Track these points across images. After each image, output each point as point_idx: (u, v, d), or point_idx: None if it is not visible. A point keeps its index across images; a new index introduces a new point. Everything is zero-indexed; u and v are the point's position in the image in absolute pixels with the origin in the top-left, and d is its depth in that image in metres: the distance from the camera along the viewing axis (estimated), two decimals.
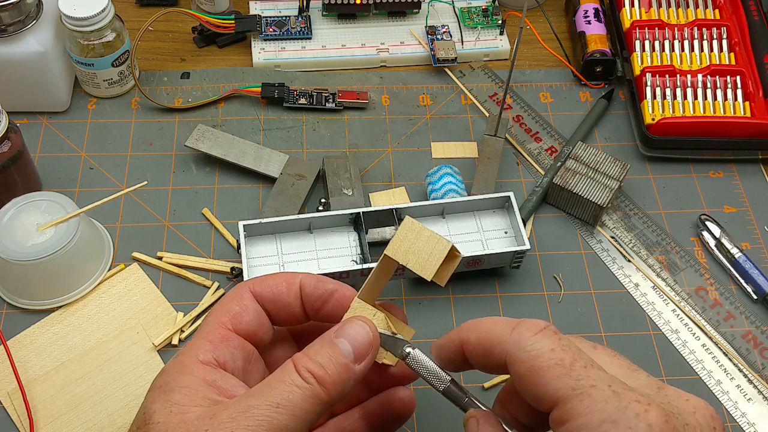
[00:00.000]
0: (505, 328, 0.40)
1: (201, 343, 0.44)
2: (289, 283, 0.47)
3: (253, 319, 0.46)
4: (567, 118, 0.77)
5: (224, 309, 0.46)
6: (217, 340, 0.44)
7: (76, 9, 0.69)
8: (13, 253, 0.59)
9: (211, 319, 0.45)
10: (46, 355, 0.61)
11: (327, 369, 0.42)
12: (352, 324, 0.44)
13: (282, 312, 0.47)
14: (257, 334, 0.46)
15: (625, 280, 0.67)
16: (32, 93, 0.73)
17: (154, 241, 0.67)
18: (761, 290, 0.66)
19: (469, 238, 0.66)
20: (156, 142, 0.74)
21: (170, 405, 0.41)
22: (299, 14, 0.82)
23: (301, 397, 0.40)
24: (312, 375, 0.41)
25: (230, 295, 0.47)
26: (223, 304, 0.46)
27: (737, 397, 0.61)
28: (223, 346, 0.44)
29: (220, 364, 0.43)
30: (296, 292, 0.47)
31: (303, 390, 0.41)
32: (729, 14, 0.80)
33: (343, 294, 0.47)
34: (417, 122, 0.77)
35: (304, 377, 0.41)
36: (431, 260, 0.44)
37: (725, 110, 0.74)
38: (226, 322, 0.45)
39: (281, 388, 0.40)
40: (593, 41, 0.79)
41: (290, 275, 0.47)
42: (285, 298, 0.47)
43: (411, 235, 0.44)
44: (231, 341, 0.45)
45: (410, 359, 0.44)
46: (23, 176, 0.66)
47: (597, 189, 0.68)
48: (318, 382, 0.41)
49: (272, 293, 0.47)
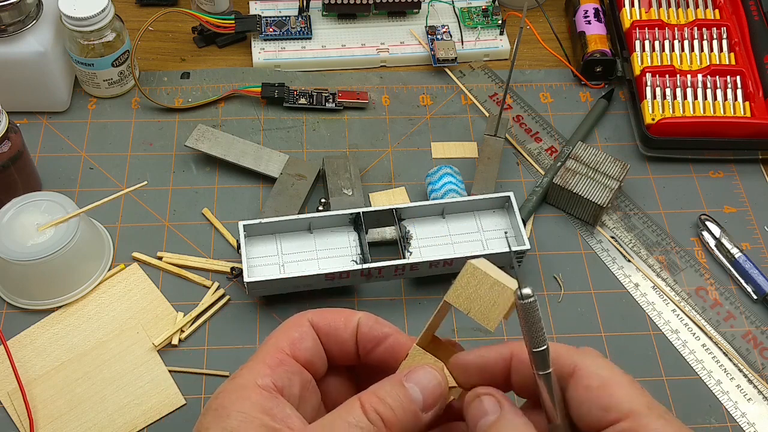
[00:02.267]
0: (566, 347, 0.41)
1: (259, 366, 0.43)
2: (347, 320, 0.46)
3: (311, 347, 0.45)
4: (567, 118, 0.77)
5: (283, 335, 0.45)
6: (275, 364, 0.43)
7: (76, 9, 0.69)
8: (13, 253, 0.59)
9: (270, 343, 0.45)
10: (46, 355, 0.61)
11: (396, 412, 0.40)
12: (423, 370, 0.42)
13: (336, 347, 0.46)
14: (314, 363, 0.45)
15: (625, 280, 0.67)
16: (32, 93, 0.73)
17: (154, 241, 0.67)
18: (761, 290, 0.66)
19: (469, 238, 0.66)
20: (156, 142, 0.74)
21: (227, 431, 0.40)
22: (299, 14, 0.82)
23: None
24: (379, 416, 0.40)
25: (289, 322, 0.46)
26: (282, 330, 0.45)
27: (737, 397, 0.61)
28: (280, 370, 0.43)
29: (278, 388, 0.43)
30: (353, 330, 0.46)
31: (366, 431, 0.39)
32: (729, 14, 0.80)
33: (397, 340, 0.45)
34: (417, 122, 0.77)
35: (371, 418, 0.39)
36: (494, 310, 0.42)
37: (725, 110, 0.74)
38: (284, 347, 0.44)
39: (342, 428, 0.39)
40: (593, 41, 0.79)
41: (349, 312, 0.47)
42: (341, 334, 0.46)
43: (473, 281, 0.42)
44: (289, 366, 0.44)
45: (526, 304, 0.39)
46: (23, 176, 0.66)
47: (597, 189, 0.68)
48: (384, 425, 0.40)
49: (329, 326, 0.46)
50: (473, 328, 0.64)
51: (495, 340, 0.63)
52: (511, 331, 0.64)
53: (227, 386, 0.43)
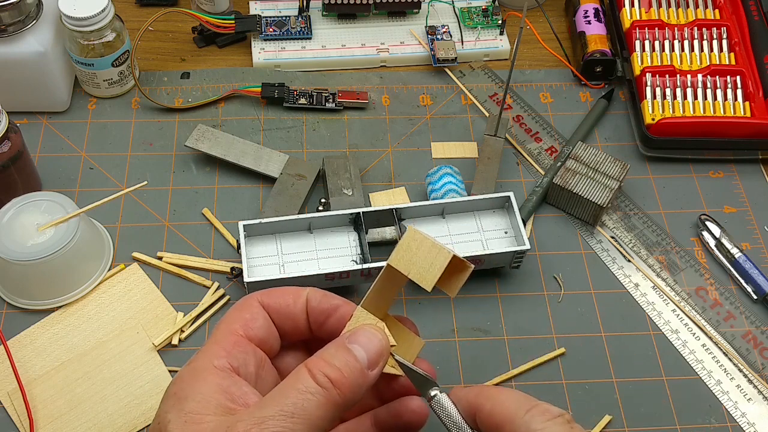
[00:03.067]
0: (519, 408, 0.40)
1: (214, 348, 0.44)
2: (295, 296, 0.47)
3: (263, 326, 0.46)
4: (567, 118, 0.77)
5: (234, 317, 0.46)
6: (230, 345, 0.44)
7: (76, 9, 0.69)
8: (13, 253, 0.59)
9: (222, 326, 0.46)
10: (46, 355, 0.61)
11: (343, 371, 0.41)
12: (364, 331, 0.44)
13: (288, 324, 0.47)
14: (267, 341, 0.46)
15: (625, 280, 0.67)
16: (32, 93, 0.73)
17: (154, 241, 0.67)
18: (761, 290, 0.66)
19: (469, 238, 0.66)
20: (156, 142, 0.74)
21: (185, 414, 0.40)
22: (299, 14, 0.82)
23: (316, 404, 0.40)
24: (328, 379, 0.41)
25: (239, 304, 0.47)
26: (233, 312, 0.46)
27: (737, 397, 0.61)
28: (235, 351, 0.44)
29: (233, 369, 0.43)
30: (302, 305, 0.47)
31: (317, 396, 0.40)
32: (729, 14, 0.80)
33: (346, 310, 0.47)
34: (417, 122, 0.77)
35: (320, 381, 0.41)
36: (431, 270, 0.43)
37: (725, 110, 0.74)
38: (237, 329, 0.45)
39: (294, 396, 0.40)
40: (593, 41, 0.79)
41: (297, 289, 0.48)
42: (291, 310, 0.47)
43: (413, 245, 0.44)
44: (243, 346, 0.45)
45: (435, 403, 0.43)
46: (23, 176, 0.66)
47: (597, 189, 0.68)
48: (334, 386, 0.41)
49: (279, 305, 0.47)
50: (473, 328, 0.64)
51: (495, 340, 0.63)
52: (511, 331, 0.64)
53: (184, 371, 0.43)
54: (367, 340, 0.44)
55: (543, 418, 0.39)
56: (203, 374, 0.42)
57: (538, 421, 0.39)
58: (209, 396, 0.41)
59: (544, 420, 0.39)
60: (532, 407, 0.40)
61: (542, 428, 0.39)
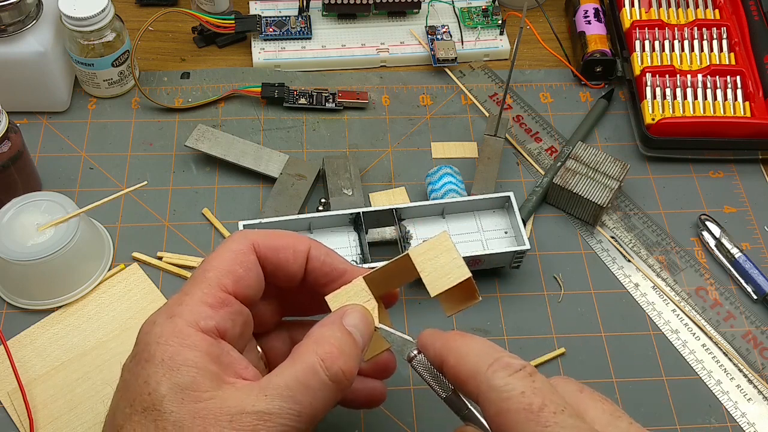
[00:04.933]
0: (483, 362, 0.39)
1: (200, 307, 0.41)
2: (296, 252, 0.45)
3: (254, 284, 0.44)
4: (567, 118, 0.77)
5: (226, 269, 0.43)
6: (218, 304, 0.42)
7: (76, 9, 0.69)
8: (13, 253, 0.59)
9: (211, 277, 0.42)
10: (46, 355, 0.61)
11: (351, 363, 0.41)
12: (356, 312, 0.43)
13: (281, 278, 0.45)
14: (254, 297, 0.44)
15: (625, 280, 0.67)
16: (32, 93, 0.73)
17: (154, 241, 0.67)
18: (761, 290, 0.66)
19: (469, 238, 0.66)
20: (156, 142, 0.74)
21: (180, 390, 0.38)
22: (299, 14, 0.82)
23: (323, 400, 0.40)
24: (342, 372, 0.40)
25: (233, 250, 0.44)
26: (225, 261, 0.43)
27: (737, 397, 0.61)
28: (224, 312, 0.42)
29: (220, 333, 0.41)
30: (302, 263, 0.45)
31: (326, 393, 0.40)
32: (729, 14, 0.80)
33: (351, 276, 0.45)
34: (417, 122, 0.77)
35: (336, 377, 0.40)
36: (443, 280, 0.43)
37: (725, 110, 0.74)
38: (227, 285, 0.43)
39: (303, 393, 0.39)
40: (593, 41, 0.79)
41: (298, 242, 0.45)
42: (290, 266, 0.45)
43: (440, 248, 0.44)
44: (231, 306, 0.42)
45: (416, 362, 0.43)
46: (23, 176, 0.66)
47: (597, 189, 0.68)
48: (346, 378, 0.40)
49: (277, 259, 0.45)
50: (473, 328, 0.64)
51: (495, 340, 0.63)
52: (511, 331, 0.64)
53: (167, 329, 0.40)
54: (361, 321, 0.43)
55: (505, 373, 0.38)
56: (191, 338, 0.40)
57: (500, 377, 0.37)
58: (202, 367, 0.39)
59: (506, 375, 0.37)
60: (494, 361, 0.38)
61: (504, 384, 0.37)
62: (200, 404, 0.38)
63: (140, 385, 0.39)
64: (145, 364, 0.40)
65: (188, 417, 0.38)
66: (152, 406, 0.38)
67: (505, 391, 0.37)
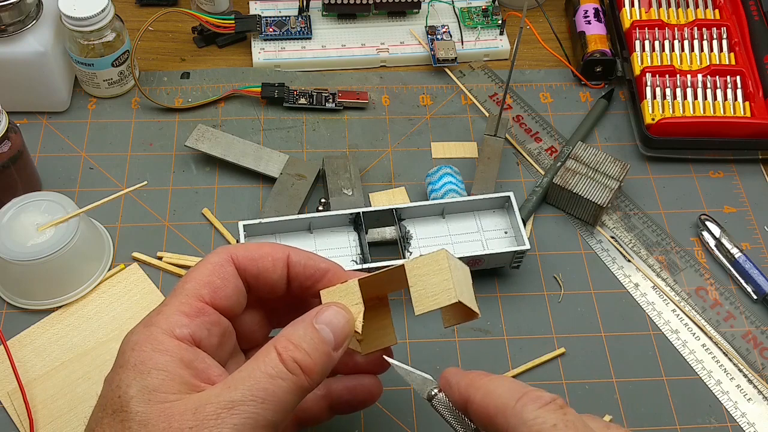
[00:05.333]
0: (511, 396, 0.39)
1: (176, 316, 0.42)
2: (275, 260, 0.45)
3: (232, 295, 0.44)
4: (567, 118, 0.77)
5: (204, 280, 0.44)
6: (194, 313, 0.42)
7: (76, 9, 0.69)
8: (13, 253, 0.59)
9: (189, 288, 0.43)
10: (46, 355, 0.61)
11: (312, 357, 0.41)
12: (330, 310, 0.43)
13: (264, 287, 0.46)
14: (234, 308, 0.45)
15: (625, 280, 0.67)
16: (32, 93, 0.73)
17: (154, 241, 0.67)
18: (761, 290, 0.66)
19: (469, 238, 0.66)
20: (156, 142, 0.74)
21: (148, 392, 0.39)
22: (299, 14, 0.82)
23: (286, 389, 0.40)
24: (298, 365, 0.40)
25: (211, 263, 0.44)
26: (202, 273, 0.44)
27: (737, 397, 0.61)
28: (199, 321, 0.42)
29: (195, 341, 0.42)
30: (282, 270, 0.45)
31: (287, 382, 0.40)
32: (729, 14, 0.80)
33: (335, 274, 0.46)
34: (417, 122, 0.77)
35: (290, 368, 0.40)
36: (429, 300, 0.43)
37: (725, 110, 0.74)
38: (204, 295, 0.43)
39: (265, 381, 0.40)
40: (593, 41, 0.79)
41: (277, 250, 0.46)
42: (270, 275, 0.45)
43: (433, 267, 0.43)
44: (208, 316, 0.43)
45: (437, 401, 0.43)
46: (23, 176, 0.66)
47: (597, 189, 0.68)
48: (303, 372, 0.40)
49: (257, 269, 0.45)
50: (473, 328, 0.64)
51: (495, 340, 0.63)
52: (511, 331, 0.64)
53: (142, 336, 0.41)
54: (336, 320, 0.43)
55: (535, 405, 0.37)
56: (164, 344, 0.41)
57: (530, 410, 0.37)
58: (173, 371, 0.40)
59: (536, 408, 0.37)
60: (523, 395, 0.38)
61: (534, 417, 0.37)
62: (167, 404, 0.39)
63: (112, 389, 0.40)
64: (119, 370, 0.41)
65: (154, 416, 0.38)
66: (120, 407, 0.39)
67: (536, 424, 0.37)
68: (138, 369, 0.40)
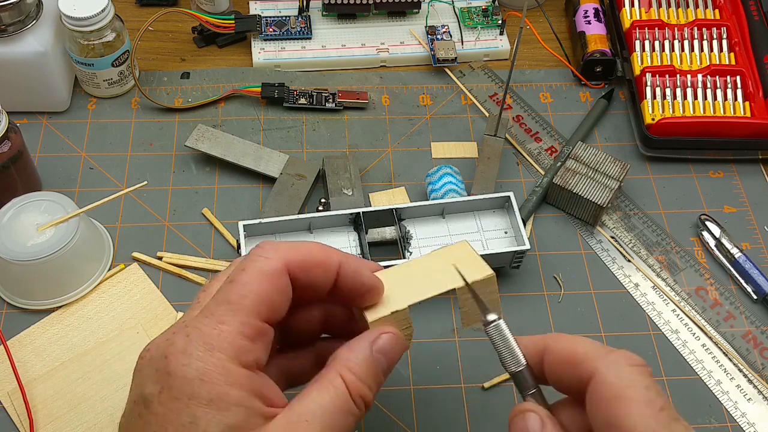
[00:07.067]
0: (598, 349, 0.39)
1: (240, 340, 0.39)
2: (327, 271, 0.43)
3: (284, 309, 0.42)
4: (567, 118, 0.77)
5: (262, 296, 0.41)
6: (256, 335, 0.40)
7: (76, 9, 0.69)
8: (13, 253, 0.59)
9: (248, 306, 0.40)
10: (46, 355, 0.61)
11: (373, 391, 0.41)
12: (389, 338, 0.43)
13: (309, 295, 0.44)
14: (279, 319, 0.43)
15: (625, 280, 0.67)
16: (32, 93, 0.73)
17: (154, 241, 0.67)
18: (761, 290, 0.66)
19: (469, 238, 0.66)
20: (156, 142, 0.74)
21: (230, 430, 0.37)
22: (299, 14, 0.82)
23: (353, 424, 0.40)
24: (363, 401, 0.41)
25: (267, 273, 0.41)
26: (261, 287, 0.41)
27: (737, 397, 0.61)
28: (261, 344, 0.40)
29: (258, 365, 0.40)
30: (332, 279, 0.43)
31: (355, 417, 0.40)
32: (729, 14, 0.80)
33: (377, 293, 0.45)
34: (417, 122, 0.77)
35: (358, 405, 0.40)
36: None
37: (725, 110, 0.74)
38: (262, 313, 0.40)
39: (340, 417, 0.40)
40: (593, 41, 0.79)
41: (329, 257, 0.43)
42: (320, 283, 0.43)
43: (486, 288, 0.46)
44: (268, 336, 0.41)
45: (493, 328, 0.42)
46: (23, 176, 0.66)
47: (597, 189, 0.68)
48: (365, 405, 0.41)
49: (308, 279, 0.43)
50: (473, 328, 0.64)
51: None
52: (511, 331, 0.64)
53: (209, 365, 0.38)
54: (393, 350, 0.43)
55: (627, 362, 0.38)
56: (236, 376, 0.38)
57: (623, 365, 0.38)
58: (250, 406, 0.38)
59: (628, 365, 0.38)
60: (613, 350, 0.39)
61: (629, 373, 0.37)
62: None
63: (185, 425, 0.38)
64: (188, 402, 0.38)
65: None
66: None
67: (629, 379, 0.37)
68: (216, 406, 0.38)
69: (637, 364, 0.38)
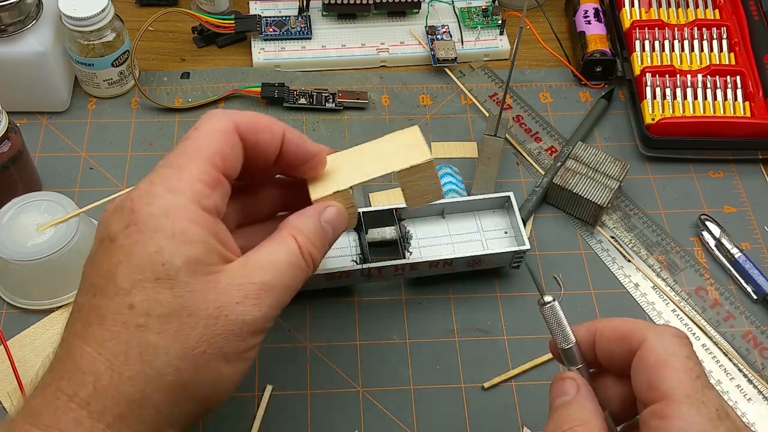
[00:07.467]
0: (646, 323, 0.43)
1: (199, 185, 0.42)
2: (273, 133, 0.47)
3: (237, 165, 0.45)
4: (567, 118, 0.77)
5: (215, 149, 0.44)
6: (214, 183, 0.43)
7: (76, 9, 0.69)
8: (13, 253, 0.59)
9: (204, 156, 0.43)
10: (46, 355, 0.61)
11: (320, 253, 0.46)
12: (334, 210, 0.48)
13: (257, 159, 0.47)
14: (233, 178, 0.46)
15: (625, 280, 0.67)
16: (32, 93, 0.73)
17: None
18: (761, 290, 0.66)
19: (469, 238, 0.66)
20: (156, 142, 0.74)
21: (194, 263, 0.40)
22: (299, 14, 0.82)
23: (300, 279, 0.45)
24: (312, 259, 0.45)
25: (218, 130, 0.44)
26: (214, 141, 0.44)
27: (737, 397, 0.61)
28: (218, 192, 0.44)
29: (217, 212, 0.43)
30: (278, 144, 0.47)
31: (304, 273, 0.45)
32: (729, 14, 0.80)
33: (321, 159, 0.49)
34: (417, 122, 0.77)
35: (307, 261, 0.45)
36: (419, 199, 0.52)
37: (725, 110, 0.74)
38: (218, 164, 0.44)
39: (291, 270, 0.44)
40: (593, 41, 0.79)
41: (274, 123, 0.47)
42: (266, 147, 0.47)
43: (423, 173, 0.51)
44: (224, 187, 0.44)
45: (547, 309, 0.46)
46: (23, 176, 0.66)
47: (597, 189, 0.68)
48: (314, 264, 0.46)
49: (256, 140, 0.46)
50: (473, 328, 0.64)
51: (495, 340, 0.63)
52: (511, 331, 0.64)
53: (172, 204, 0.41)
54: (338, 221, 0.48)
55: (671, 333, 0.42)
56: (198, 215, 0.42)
57: (668, 335, 0.41)
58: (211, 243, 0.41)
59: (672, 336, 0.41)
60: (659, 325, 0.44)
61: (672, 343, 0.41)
62: (211, 276, 0.41)
63: (150, 254, 0.40)
64: (153, 234, 0.40)
65: (201, 287, 0.40)
66: (167, 276, 0.40)
67: (672, 348, 0.41)
68: (179, 239, 0.40)
69: (681, 337, 0.42)
